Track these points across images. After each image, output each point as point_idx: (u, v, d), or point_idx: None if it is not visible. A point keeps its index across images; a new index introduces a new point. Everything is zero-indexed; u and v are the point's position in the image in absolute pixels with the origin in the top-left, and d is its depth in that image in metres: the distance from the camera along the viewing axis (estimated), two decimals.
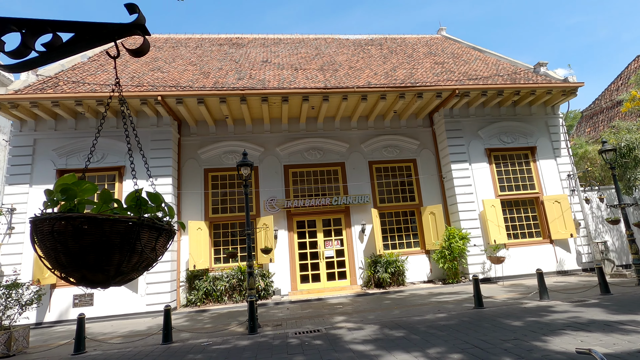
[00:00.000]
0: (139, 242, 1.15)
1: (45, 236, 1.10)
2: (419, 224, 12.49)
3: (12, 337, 6.79)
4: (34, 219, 1.13)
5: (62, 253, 1.08)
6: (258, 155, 12.08)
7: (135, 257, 1.17)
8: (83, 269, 1.10)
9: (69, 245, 1.07)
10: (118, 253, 1.12)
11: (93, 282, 1.16)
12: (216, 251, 11.57)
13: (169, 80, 11.31)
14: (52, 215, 1.09)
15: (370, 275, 11.34)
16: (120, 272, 1.15)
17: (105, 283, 1.18)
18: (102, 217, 1.09)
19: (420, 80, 11.98)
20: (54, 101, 9.89)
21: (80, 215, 1.07)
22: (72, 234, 1.06)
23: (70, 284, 1.19)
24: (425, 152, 13.04)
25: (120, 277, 1.19)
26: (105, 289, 1.25)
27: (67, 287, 9.86)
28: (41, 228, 1.11)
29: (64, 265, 1.10)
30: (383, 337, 5.80)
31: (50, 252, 1.11)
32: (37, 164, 10.55)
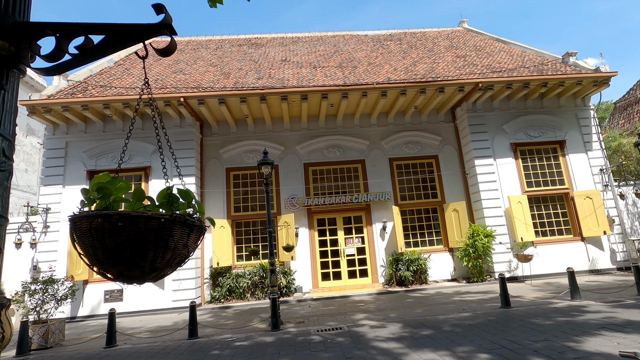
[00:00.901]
0: (172, 239, 1.17)
1: (83, 233, 1.14)
2: (441, 221, 12.25)
3: (50, 330, 7.14)
4: (73, 217, 1.18)
5: (100, 249, 1.12)
6: (278, 154, 12.17)
7: (169, 254, 1.20)
8: (120, 265, 1.14)
9: (106, 242, 1.10)
10: (152, 249, 1.15)
11: (129, 277, 1.19)
12: (238, 249, 11.76)
13: (191, 81, 11.56)
14: (90, 213, 1.13)
15: (392, 273, 11.23)
16: (155, 268, 1.18)
17: (141, 279, 1.21)
18: (136, 214, 1.12)
19: (441, 74, 11.71)
20: (83, 105, 10.30)
21: (116, 213, 1.11)
22: (109, 231, 1.10)
23: (108, 280, 1.23)
24: (448, 147, 12.76)
25: (155, 273, 1.22)
26: (141, 284, 1.28)
27: (98, 283, 10.28)
28: (80, 225, 1.16)
29: (102, 261, 1.14)
30: (407, 336, 5.73)
31: (88, 248, 1.15)
32: (69, 166, 11.03)
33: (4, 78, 1.19)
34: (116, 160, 11.14)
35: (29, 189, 19.48)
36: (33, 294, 7.45)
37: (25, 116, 12.90)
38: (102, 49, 1.26)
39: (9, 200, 1.19)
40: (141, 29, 1.24)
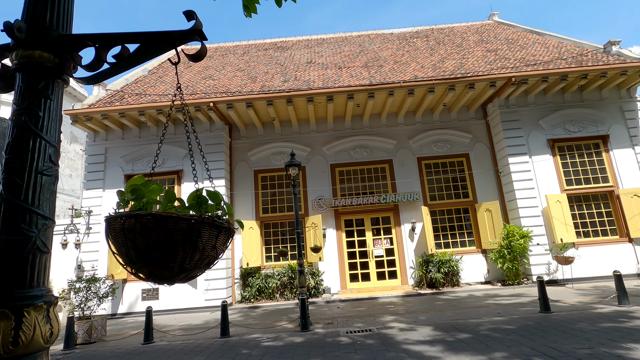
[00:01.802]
0: (201, 240, 1.20)
1: (117, 233, 1.20)
2: (473, 222, 11.83)
3: (93, 326, 7.57)
4: (108, 217, 1.24)
5: (132, 249, 1.16)
6: (305, 155, 12.25)
7: (197, 255, 1.23)
8: (151, 265, 1.18)
9: (138, 242, 1.15)
10: (181, 250, 1.18)
11: (160, 278, 1.23)
12: (267, 249, 11.94)
13: (220, 86, 11.88)
14: (122, 214, 1.18)
15: (422, 275, 10.97)
16: (184, 269, 1.21)
17: (171, 279, 1.25)
18: (166, 214, 1.16)
19: (471, 70, 11.34)
20: (120, 112, 10.85)
21: (147, 213, 1.15)
22: (140, 231, 1.14)
23: (140, 280, 1.28)
24: (479, 145, 12.32)
25: (184, 274, 1.25)
26: (171, 284, 1.32)
27: (136, 282, 10.77)
28: (114, 226, 1.21)
29: (134, 261, 1.19)
30: (440, 339, 5.57)
31: (122, 248, 1.20)
32: (108, 170, 11.66)
33: (49, 88, 1.27)
34: (151, 164, 11.64)
35: (73, 193, 20.78)
36: (78, 291, 7.93)
37: (69, 124, 13.77)
38: (137, 57, 1.32)
39: (56, 204, 1.27)
40: (174, 36, 1.29)
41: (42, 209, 1.19)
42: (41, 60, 1.26)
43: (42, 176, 1.21)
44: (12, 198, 1.15)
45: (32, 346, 1.08)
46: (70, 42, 1.31)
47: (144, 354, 6.25)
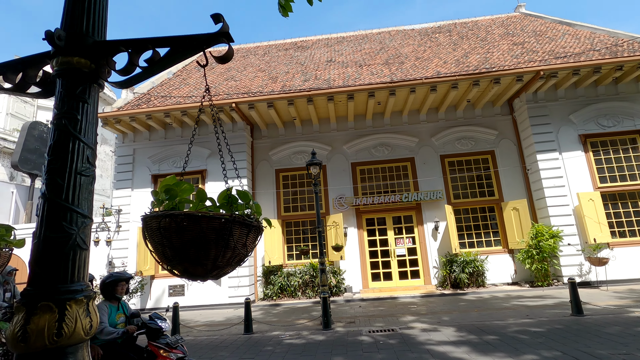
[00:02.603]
0: (232, 238, 1.24)
1: (154, 232, 1.25)
2: (499, 221, 11.48)
3: None
4: (145, 217, 1.29)
5: (168, 247, 1.21)
6: (325, 154, 12.25)
7: (229, 252, 1.26)
8: (185, 262, 1.22)
9: (173, 241, 1.19)
10: (214, 248, 1.22)
11: (194, 275, 1.27)
12: (289, 248, 12.04)
13: (241, 87, 12.06)
14: (158, 213, 1.23)
15: (446, 275, 10.75)
16: (216, 266, 1.25)
17: (204, 276, 1.29)
18: (199, 214, 1.19)
19: (496, 64, 10.99)
20: (147, 115, 11.22)
21: (182, 213, 1.19)
22: (175, 230, 1.18)
23: (172, 276, 1.33)
24: (505, 142, 11.93)
25: (217, 271, 1.29)
26: (204, 281, 1.36)
27: (163, 278, 11.13)
28: (150, 225, 1.26)
29: (170, 258, 1.23)
30: (464, 340, 5.45)
31: (158, 246, 1.25)
32: (136, 171, 12.09)
33: (86, 93, 1.33)
34: (176, 164, 11.99)
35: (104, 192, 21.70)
36: None
37: (99, 127, 14.37)
38: (167, 61, 1.36)
39: (93, 203, 1.33)
40: (202, 39, 1.32)
41: (81, 208, 1.25)
42: (79, 66, 1.32)
43: (80, 177, 1.27)
44: (54, 197, 1.21)
45: (74, 338, 1.14)
46: (105, 47, 1.36)
47: None
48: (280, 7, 1.93)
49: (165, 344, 3.47)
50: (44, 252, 1.18)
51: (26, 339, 1.08)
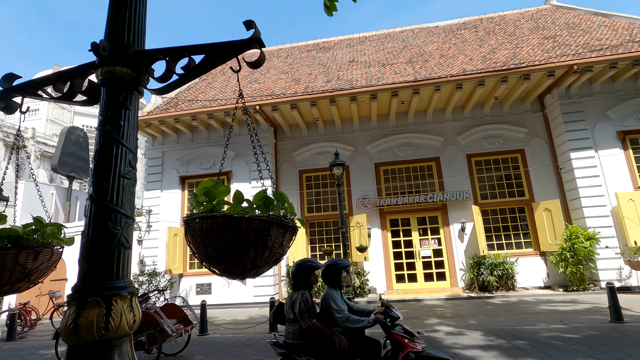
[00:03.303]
0: (270, 238, 1.27)
1: (196, 233, 1.30)
2: (530, 222, 11.05)
3: None
4: (187, 219, 1.35)
5: (210, 247, 1.26)
6: (348, 155, 12.23)
7: (267, 252, 1.30)
8: (226, 262, 1.27)
9: (215, 241, 1.24)
10: (253, 248, 1.27)
11: (234, 273, 1.32)
12: (312, 248, 12.09)
13: (265, 90, 12.25)
14: (201, 215, 1.28)
15: (473, 278, 10.47)
16: (255, 265, 1.29)
17: (243, 275, 1.34)
18: (239, 215, 1.24)
19: (526, 59, 10.59)
20: (175, 118, 11.60)
21: (223, 214, 1.24)
22: (217, 231, 1.23)
23: (215, 275, 1.38)
24: (536, 140, 11.48)
25: (255, 270, 1.33)
26: (242, 280, 1.42)
27: (191, 276, 11.46)
28: (192, 226, 1.32)
29: (212, 258, 1.29)
30: (494, 345, 5.29)
31: (200, 246, 1.31)
32: (165, 172, 12.53)
33: (128, 100, 1.41)
34: (203, 166, 12.32)
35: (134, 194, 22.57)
36: (141, 284, 8.62)
37: None
38: (203, 67, 1.42)
39: (134, 203, 1.40)
40: (235, 45, 1.36)
41: (124, 209, 1.32)
42: (121, 74, 1.40)
43: (123, 179, 1.34)
44: (100, 199, 1.29)
45: (119, 331, 1.21)
46: (145, 56, 1.44)
47: (200, 345, 6.63)
48: (325, 8, 2.02)
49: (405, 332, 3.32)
50: (91, 250, 1.25)
51: (77, 331, 1.16)
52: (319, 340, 3.03)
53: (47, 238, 1.73)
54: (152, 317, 5.46)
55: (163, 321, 5.51)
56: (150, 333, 5.36)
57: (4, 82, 1.61)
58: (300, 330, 3.05)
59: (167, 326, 5.48)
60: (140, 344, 5.50)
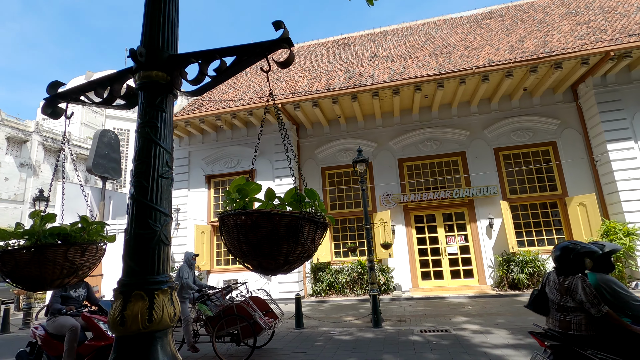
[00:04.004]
0: (302, 235, 1.30)
1: (230, 229, 1.35)
2: (563, 218, 10.59)
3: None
4: (222, 215, 1.40)
5: (244, 243, 1.30)
6: (371, 151, 12.14)
7: (299, 248, 1.33)
8: (259, 257, 1.31)
9: (249, 237, 1.28)
10: (286, 244, 1.30)
11: (267, 269, 1.36)
12: (336, 245, 12.12)
13: (287, 88, 12.33)
14: (235, 212, 1.33)
15: (503, 275, 10.16)
16: (288, 261, 1.33)
17: (276, 270, 1.37)
18: (272, 212, 1.27)
19: (557, 47, 10.12)
20: (200, 119, 11.90)
21: (256, 211, 1.28)
22: (251, 227, 1.27)
23: (248, 270, 1.42)
24: (568, 132, 10.96)
25: (287, 266, 1.37)
26: (274, 275, 1.45)
27: (219, 273, 11.76)
28: (227, 222, 1.36)
29: (245, 253, 1.33)
30: (524, 344, 5.14)
31: (234, 242, 1.35)
32: (191, 172, 12.89)
33: (164, 103, 1.47)
34: (228, 164, 12.58)
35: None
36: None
37: None
38: (234, 69, 1.46)
39: (172, 202, 1.46)
40: (265, 46, 1.39)
41: (163, 207, 1.38)
42: (157, 78, 1.46)
43: (162, 179, 1.41)
44: (141, 198, 1.35)
45: (162, 324, 1.27)
46: (179, 60, 1.49)
47: None
48: None
49: None
50: (134, 246, 1.32)
51: (124, 323, 1.23)
52: (618, 332, 2.57)
53: (92, 235, 1.84)
54: (245, 309, 5.32)
55: (257, 314, 5.35)
56: (244, 325, 5.28)
57: (50, 89, 1.72)
58: (590, 320, 2.63)
59: (260, 318, 5.33)
60: (233, 336, 5.45)
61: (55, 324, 4.09)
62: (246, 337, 5.37)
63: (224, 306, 5.45)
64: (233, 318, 5.34)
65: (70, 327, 3.95)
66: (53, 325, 4.11)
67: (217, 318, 5.38)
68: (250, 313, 5.29)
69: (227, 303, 5.51)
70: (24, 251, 1.62)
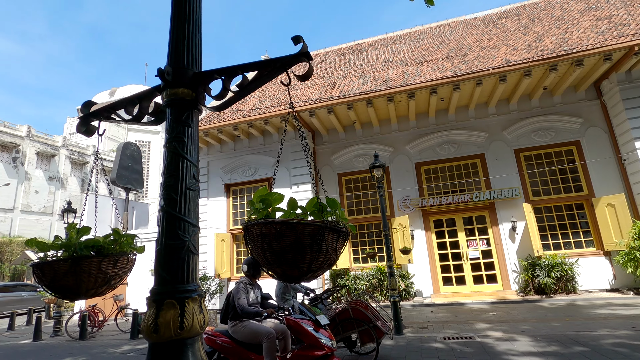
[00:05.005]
0: (324, 243, 1.33)
1: (255, 238, 1.39)
2: (590, 219, 10.21)
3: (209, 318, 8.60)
4: (246, 225, 1.44)
5: (268, 252, 1.35)
6: (388, 156, 12.08)
7: (322, 257, 1.36)
8: (283, 265, 1.35)
9: (273, 245, 1.32)
10: (309, 252, 1.33)
11: (290, 277, 1.40)
12: (354, 251, 12.06)
13: (302, 96, 12.47)
14: (259, 221, 1.37)
15: (528, 280, 9.86)
16: (311, 269, 1.36)
17: (299, 278, 1.41)
18: (296, 221, 1.31)
19: (577, 44, 9.85)
20: (218, 129, 12.16)
21: (280, 221, 1.32)
22: (275, 236, 1.31)
23: (272, 277, 1.46)
24: (593, 130, 10.61)
25: (310, 274, 1.40)
26: (298, 283, 1.47)
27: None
28: (252, 232, 1.41)
29: (270, 262, 1.37)
30: (552, 352, 4.96)
31: (259, 251, 1.39)
32: (210, 181, 13.15)
33: (190, 118, 1.53)
34: (245, 173, 12.77)
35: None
36: None
37: None
38: (256, 83, 1.52)
39: (199, 213, 1.52)
40: (285, 61, 1.45)
41: (191, 218, 1.44)
42: (183, 95, 1.53)
43: (189, 191, 1.47)
44: (171, 210, 1.42)
45: (192, 331, 1.32)
46: (203, 77, 1.56)
47: None
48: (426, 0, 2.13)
49: None
50: (165, 256, 1.38)
51: (157, 330, 1.28)
52: None
53: (123, 247, 1.93)
54: (363, 312, 4.96)
55: (375, 317, 5.00)
56: (363, 329, 4.99)
57: (83, 108, 1.82)
58: None
59: (380, 322, 4.98)
60: (350, 342, 5.24)
61: (245, 330, 3.55)
62: (367, 341, 5.13)
63: (339, 309, 5.18)
64: (350, 322, 5.05)
65: (268, 335, 3.44)
66: (242, 332, 3.57)
67: (332, 323, 5.01)
68: (369, 316, 4.92)
69: (342, 306, 5.24)
70: (62, 263, 1.72)
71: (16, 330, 11.88)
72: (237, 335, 3.61)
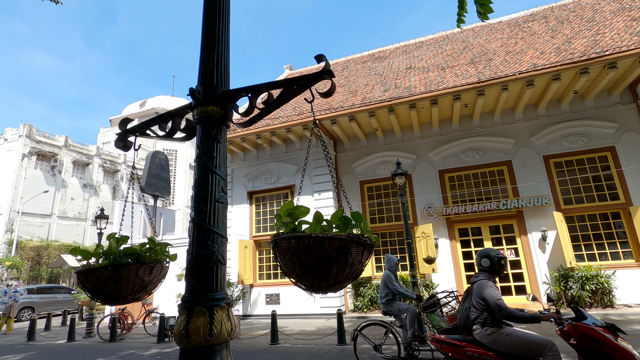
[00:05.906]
0: (350, 256, 1.37)
1: (284, 251, 1.45)
2: (628, 229, 9.68)
3: None
4: (275, 238, 1.50)
5: (297, 264, 1.40)
6: (410, 163, 11.96)
7: (348, 269, 1.40)
8: (312, 278, 1.40)
9: (301, 259, 1.38)
10: (336, 265, 1.37)
11: (318, 288, 1.44)
12: (377, 260, 11.94)
13: (323, 104, 12.59)
14: (288, 235, 1.43)
15: (560, 292, 9.42)
16: (338, 281, 1.40)
17: (326, 290, 1.45)
18: (323, 235, 1.36)
19: (610, 46, 9.47)
20: (242, 138, 12.45)
21: (308, 235, 1.38)
22: (303, 250, 1.36)
23: (300, 289, 1.51)
24: (629, 135, 10.10)
25: (337, 286, 1.44)
26: (325, 294, 1.52)
27: (261, 287, 12.02)
28: (280, 245, 1.47)
29: (298, 274, 1.42)
30: None
31: (288, 263, 1.45)
32: (234, 189, 13.44)
33: (219, 134, 1.62)
34: (268, 181, 12.97)
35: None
36: None
37: None
38: (280, 101, 1.58)
39: (227, 223, 1.59)
40: (308, 78, 1.51)
41: (220, 229, 1.51)
42: (212, 113, 1.61)
43: (218, 203, 1.54)
44: (201, 221, 1.49)
45: (220, 338, 1.38)
46: (231, 95, 1.64)
47: (272, 354, 6.92)
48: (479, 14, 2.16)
49: None
50: (195, 266, 1.45)
51: (188, 336, 1.35)
52: None
53: (158, 255, 2.04)
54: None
55: None
56: None
57: (121, 125, 1.96)
58: None
59: None
60: None
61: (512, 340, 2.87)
62: None
63: None
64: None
65: (551, 347, 2.77)
66: (509, 342, 2.87)
67: None
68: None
69: None
70: (103, 270, 1.84)
71: (52, 330, 12.50)
72: (499, 347, 2.93)
